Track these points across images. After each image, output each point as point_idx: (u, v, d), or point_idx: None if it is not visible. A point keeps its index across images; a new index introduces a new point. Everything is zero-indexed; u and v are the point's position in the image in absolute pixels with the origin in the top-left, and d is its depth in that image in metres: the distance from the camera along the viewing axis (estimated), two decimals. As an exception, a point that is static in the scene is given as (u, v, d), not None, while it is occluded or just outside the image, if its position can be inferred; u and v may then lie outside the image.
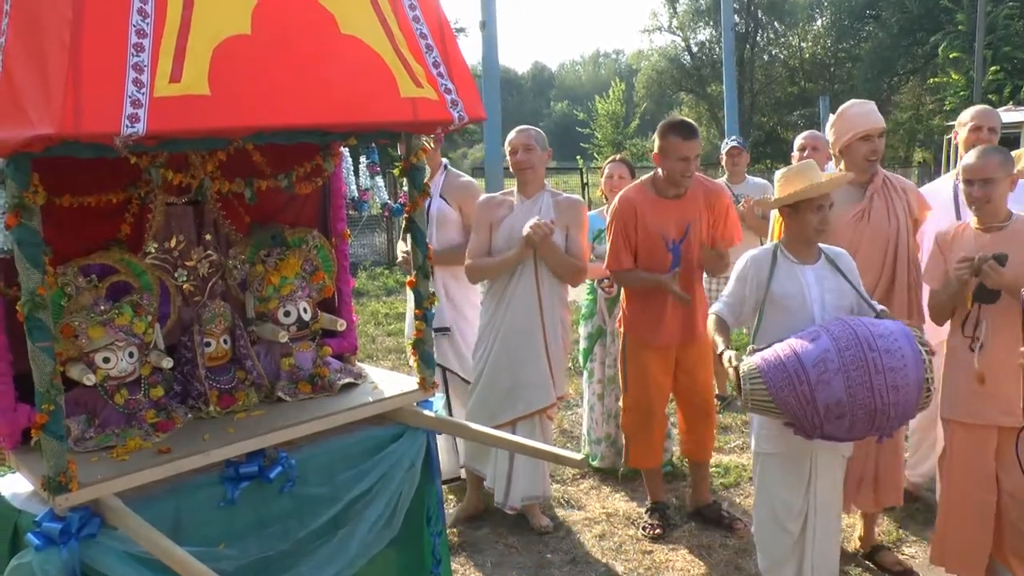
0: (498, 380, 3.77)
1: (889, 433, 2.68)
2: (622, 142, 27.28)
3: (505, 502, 3.86)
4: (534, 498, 3.92)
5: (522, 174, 3.83)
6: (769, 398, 2.59)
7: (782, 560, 2.99)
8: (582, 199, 4.10)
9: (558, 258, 3.72)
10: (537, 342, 3.75)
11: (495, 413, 3.72)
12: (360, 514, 2.46)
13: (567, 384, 4.01)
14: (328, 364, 2.77)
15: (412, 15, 2.36)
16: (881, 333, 2.54)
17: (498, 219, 3.80)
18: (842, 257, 2.94)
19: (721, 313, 2.96)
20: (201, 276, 2.67)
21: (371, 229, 14.82)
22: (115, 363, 2.28)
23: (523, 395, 3.75)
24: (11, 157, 1.82)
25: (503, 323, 3.77)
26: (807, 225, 2.83)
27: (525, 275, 3.75)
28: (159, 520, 2.02)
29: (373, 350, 7.69)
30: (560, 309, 3.87)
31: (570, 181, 23.58)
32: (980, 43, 21.00)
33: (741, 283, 2.94)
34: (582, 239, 3.84)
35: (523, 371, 3.75)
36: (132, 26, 1.81)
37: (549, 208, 3.79)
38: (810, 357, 2.53)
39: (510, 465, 3.82)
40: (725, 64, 17.36)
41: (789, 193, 2.83)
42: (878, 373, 2.48)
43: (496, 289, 3.82)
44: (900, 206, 3.41)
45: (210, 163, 2.44)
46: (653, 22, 39.39)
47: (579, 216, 3.84)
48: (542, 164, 3.84)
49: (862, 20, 34.20)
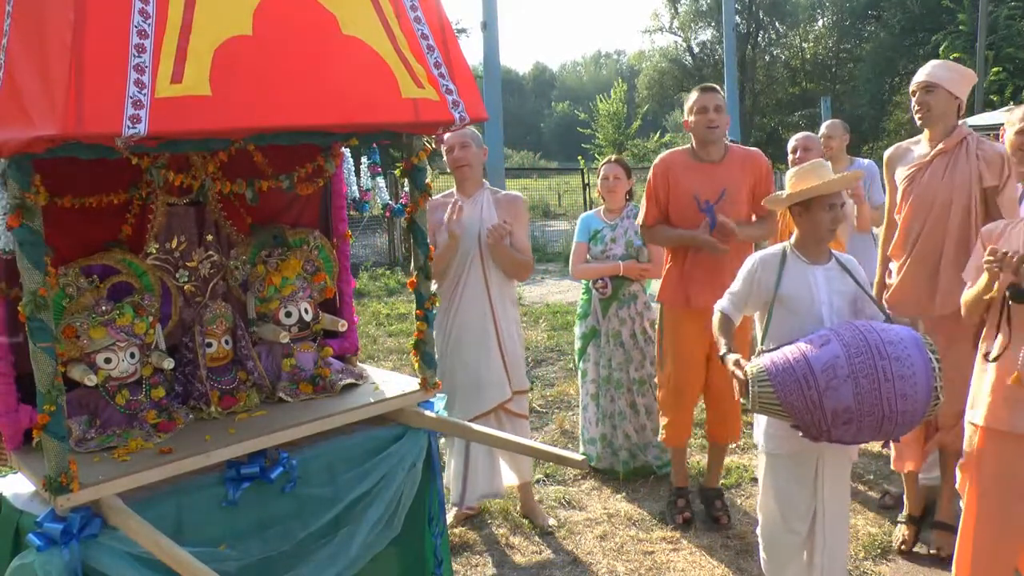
0: (453, 379, 3.78)
1: (896, 438, 2.67)
2: (623, 143, 27.25)
3: (462, 502, 3.88)
4: (491, 495, 3.95)
5: (459, 172, 3.83)
6: (777, 401, 2.57)
7: (786, 560, 2.98)
8: (521, 194, 4.09)
9: (509, 257, 3.75)
10: (490, 339, 3.78)
11: (454, 411, 3.72)
12: (361, 515, 2.46)
13: (526, 380, 4.01)
14: (329, 365, 2.77)
15: (413, 16, 2.36)
16: (892, 340, 2.52)
17: (438, 221, 3.76)
18: (852, 262, 2.93)
19: (726, 311, 2.96)
20: (202, 277, 2.67)
21: (372, 230, 14.83)
22: (116, 364, 2.28)
23: (479, 393, 3.77)
24: (13, 158, 1.82)
25: (454, 323, 3.79)
26: (819, 224, 2.82)
27: (473, 274, 3.77)
28: (160, 521, 2.03)
29: (374, 351, 7.69)
30: (511, 307, 3.90)
31: (571, 182, 23.56)
32: (982, 43, 20.98)
33: (748, 282, 2.94)
34: (524, 234, 3.85)
35: (477, 368, 3.76)
36: (133, 27, 1.82)
37: (490, 205, 3.81)
38: (820, 362, 2.51)
39: (465, 465, 3.84)
40: (726, 64, 17.33)
41: (801, 190, 2.82)
42: (887, 381, 2.47)
43: (446, 289, 3.83)
44: (963, 176, 3.31)
45: (211, 164, 2.45)
46: (654, 22, 39.42)
47: (520, 211, 3.86)
48: (479, 161, 3.83)
49: (864, 20, 34.20)
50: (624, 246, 4.38)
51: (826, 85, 33.55)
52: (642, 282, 4.48)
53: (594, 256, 4.43)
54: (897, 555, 3.61)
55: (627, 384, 4.43)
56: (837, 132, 5.06)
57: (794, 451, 2.84)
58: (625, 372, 4.43)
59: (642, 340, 4.43)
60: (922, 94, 3.45)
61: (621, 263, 4.35)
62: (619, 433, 4.46)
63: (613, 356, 4.44)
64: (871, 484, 4.35)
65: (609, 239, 4.40)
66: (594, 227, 4.47)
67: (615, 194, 4.44)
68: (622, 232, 4.40)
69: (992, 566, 2.88)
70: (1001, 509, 2.82)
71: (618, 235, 4.40)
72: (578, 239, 4.51)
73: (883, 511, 4.00)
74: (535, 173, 29.10)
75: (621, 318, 4.41)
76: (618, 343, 4.43)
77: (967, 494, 2.94)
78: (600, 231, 4.44)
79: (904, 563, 3.55)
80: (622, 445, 4.46)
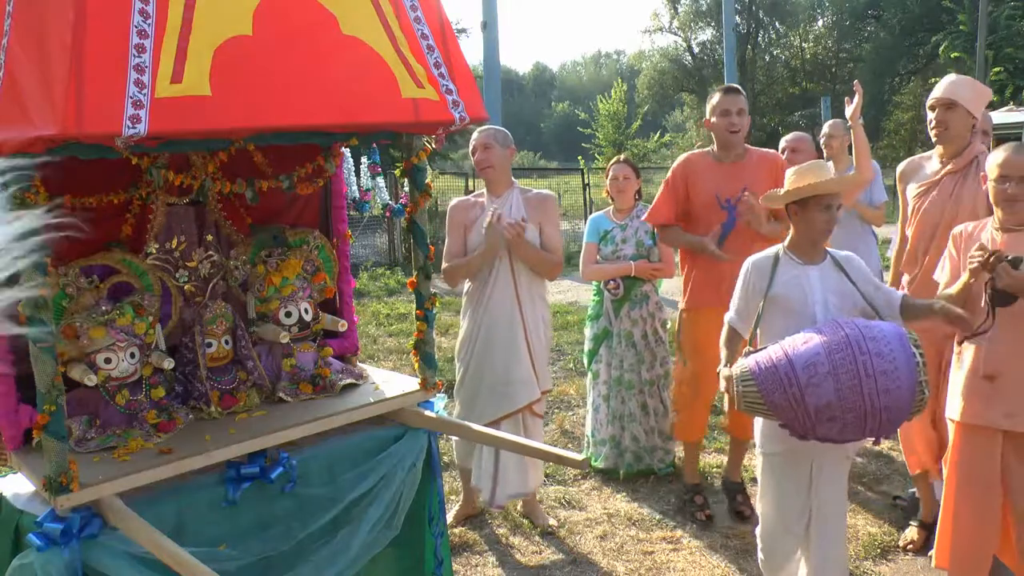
0: (482, 379, 3.78)
1: (885, 435, 2.67)
2: (623, 143, 27.25)
3: (492, 501, 3.87)
4: (521, 495, 3.94)
5: (484, 173, 3.83)
6: (761, 400, 2.59)
7: (784, 561, 2.98)
8: (552, 193, 4.09)
9: (533, 254, 3.74)
10: (518, 339, 3.77)
11: (482, 412, 3.72)
12: (361, 514, 2.46)
13: (550, 380, 4.02)
14: (329, 365, 2.77)
15: (413, 16, 2.36)
16: (873, 336, 2.52)
17: (471, 220, 3.80)
18: (851, 260, 2.92)
19: (734, 323, 2.98)
20: (202, 277, 2.67)
21: (372, 230, 14.82)
22: (116, 364, 2.28)
23: (507, 392, 3.76)
24: (13, 157, 1.82)
25: (483, 322, 3.79)
26: (814, 224, 2.82)
27: (502, 274, 3.76)
28: (160, 521, 2.03)
29: (374, 351, 7.69)
30: (540, 305, 3.88)
31: (571, 182, 23.54)
32: (982, 43, 20.99)
33: (743, 287, 2.95)
34: (555, 233, 3.85)
35: (506, 368, 3.76)
36: (133, 27, 1.82)
37: (520, 205, 3.80)
38: (800, 360, 2.52)
39: (496, 464, 3.83)
40: (726, 64, 17.37)
41: (796, 188, 2.82)
42: (868, 376, 2.47)
43: (475, 289, 3.83)
44: (970, 196, 3.29)
45: (211, 164, 2.45)
46: (654, 22, 39.33)
47: (550, 210, 3.86)
48: (503, 162, 3.82)
49: (863, 20, 34.21)
50: (635, 246, 4.37)
51: (826, 85, 33.52)
52: (654, 282, 4.49)
53: (604, 257, 4.42)
54: (897, 555, 3.61)
55: (638, 385, 4.43)
56: (839, 132, 5.05)
57: (787, 450, 2.85)
58: (637, 373, 4.42)
59: (654, 341, 4.43)
60: (941, 111, 3.42)
61: (633, 263, 4.34)
62: (627, 435, 4.46)
63: (625, 357, 4.43)
64: (871, 484, 4.35)
65: (619, 239, 4.40)
66: (604, 228, 4.46)
67: (625, 194, 4.44)
68: (632, 232, 4.39)
69: (971, 555, 2.96)
70: (978, 499, 2.90)
71: (628, 235, 4.40)
72: (588, 240, 4.50)
73: (883, 511, 4.00)
74: (535, 173, 29.14)
75: (633, 319, 4.41)
76: (630, 344, 4.42)
77: (946, 485, 3.04)
78: (610, 231, 4.43)
79: (904, 563, 3.55)
80: (628, 447, 4.46)
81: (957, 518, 2.97)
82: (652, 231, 4.36)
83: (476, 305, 3.82)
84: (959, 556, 2.98)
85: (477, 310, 3.81)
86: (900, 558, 3.59)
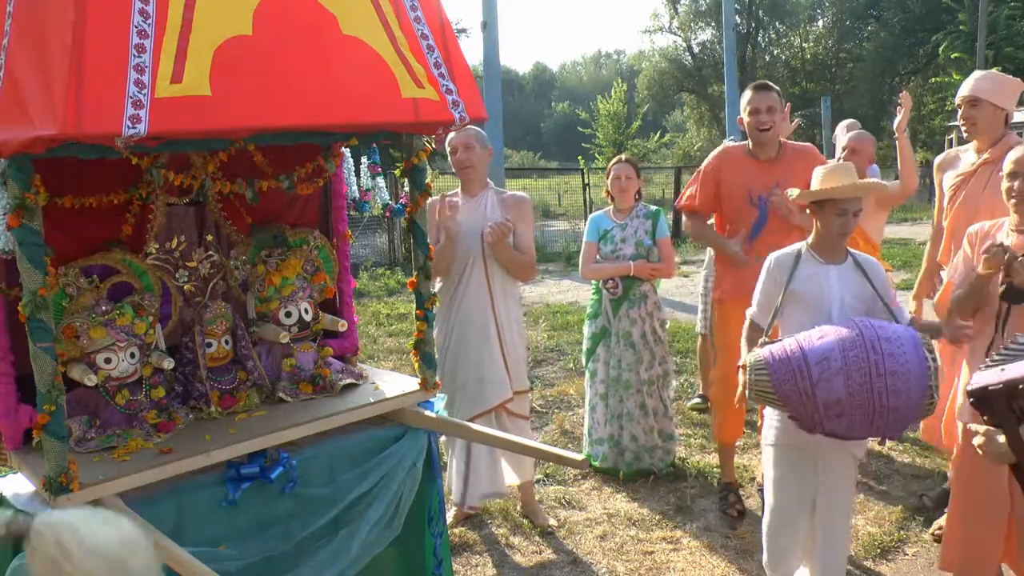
0: (455, 379, 3.78)
1: (891, 435, 2.68)
2: (623, 143, 27.27)
3: (464, 501, 3.87)
4: (493, 495, 3.94)
5: (463, 173, 3.83)
6: (772, 390, 2.62)
7: (786, 555, 2.99)
8: (527, 195, 4.08)
9: (510, 256, 3.75)
10: (491, 338, 3.77)
11: (456, 412, 3.72)
12: (361, 514, 2.46)
13: (526, 380, 4.01)
14: (329, 365, 2.77)
15: (413, 15, 2.36)
16: (888, 336, 2.54)
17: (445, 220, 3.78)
18: (872, 264, 2.94)
19: (755, 317, 3.01)
20: (202, 277, 2.67)
21: (372, 230, 14.81)
22: (116, 364, 2.28)
23: (481, 391, 3.76)
24: (13, 157, 1.82)
25: (456, 321, 3.79)
26: (829, 226, 2.85)
27: (475, 273, 3.76)
28: (160, 521, 2.03)
29: (374, 351, 7.69)
30: (513, 305, 3.89)
31: (571, 182, 23.54)
32: (982, 43, 20.98)
33: (766, 282, 2.98)
34: (529, 234, 3.86)
35: (478, 368, 3.76)
36: (133, 27, 1.82)
37: (494, 205, 3.80)
38: (814, 354, 2.55)
39: (467, 465, 3.83)
40: (726, 64, 17.33)
41: (814, 190, 2.85)
42: (879, 376, 2.49)
43: (447, 287, 3.83)
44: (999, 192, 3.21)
45: (211, 164, 2.44)
46: (654, 22, 39.48)
47: (525, 212, 3.86)
48: (483, 162, 3.83)
49: (864, 20, 34.22)
50: (634, 246, 4.37)
51: (826, 85, 33.55)
52: (653, 282, 4.49)
53: (604, 256, 4.42)
54: (897, 555, 3.61)
55: (636, 385, 4.43)
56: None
57: (793, 442, 2.86)
58: (635, 373, 4.42)
59: (652, 340, 4.43)
60: (967, 108, 3.48)
61: (632, 263, 4.34)
62: (626, 434, 4.45)
63: (623, 357, 4.43)
64: (871, 484, 4.35)
65: (619, 239, 4.40)
66: (604, 227, 4.46)
67: (627, 193, 4.44)
68: (632, 232, 4.39)
69: (977, 556, 2.94)
70: (985, 504, 2.88)
71: (628, 235, 4.40)
72: (588, 239, 4.51)
73: (883, 511, 4.00)
74: (535, 173, 29.14)
75: (632, 318, 4.41)
76: (628, 343, 4.42)
77: (953, 489, 3.05)
78: (610, 231, 4.43)
79: (904, 563, 3.55)
80: (628, 447, 4.46)
81: (964, 522, 2.94)
82: (652, 231, 4.36)
83: (449, 305, 3.82)
84: (966, 560, 2.96)
85: (451, 310, 3.81)
86: (900, 558, 3.59)
